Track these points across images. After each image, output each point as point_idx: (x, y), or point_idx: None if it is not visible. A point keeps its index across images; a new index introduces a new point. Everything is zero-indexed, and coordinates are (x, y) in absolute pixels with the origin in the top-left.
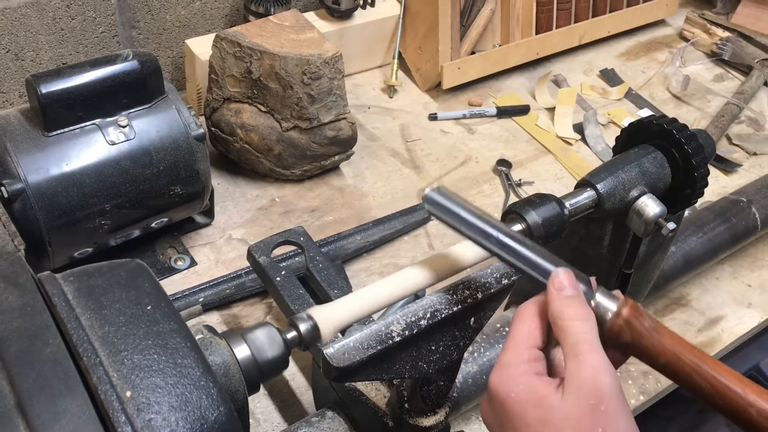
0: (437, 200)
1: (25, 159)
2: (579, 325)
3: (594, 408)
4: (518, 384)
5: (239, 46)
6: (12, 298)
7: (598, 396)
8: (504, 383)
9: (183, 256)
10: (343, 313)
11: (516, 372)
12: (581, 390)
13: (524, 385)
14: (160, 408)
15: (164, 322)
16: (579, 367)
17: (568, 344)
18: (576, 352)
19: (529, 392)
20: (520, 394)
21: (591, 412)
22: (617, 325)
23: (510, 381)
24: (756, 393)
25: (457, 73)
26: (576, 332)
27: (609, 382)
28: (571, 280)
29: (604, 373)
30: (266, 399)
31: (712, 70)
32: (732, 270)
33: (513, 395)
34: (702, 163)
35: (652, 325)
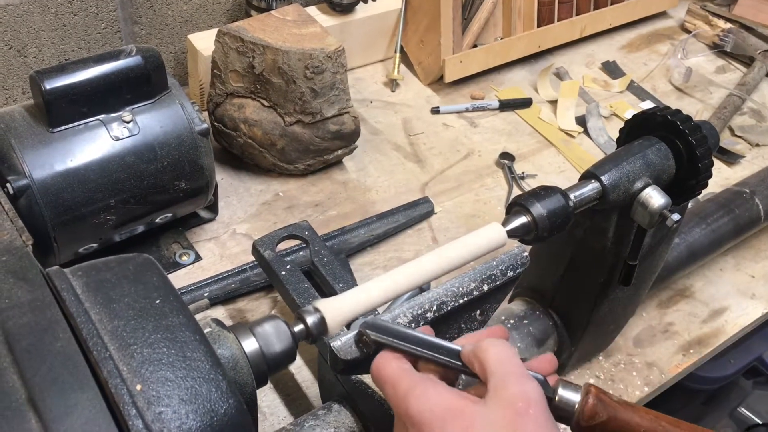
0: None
1: (29, 155)
2: (500, 347)
3: (523, 411)
4: (429, 398)
5: (242, 41)
6: (21, 293)
7: (525, 400)
8: (414, 405)
9: (188, 251)
10: (349, 306)
11: (421, 389)
12: (508, 396)
13: (439, 400)
14: (170, 401)
15: (173, 316)
16: (502, 377)
17: (491, 362)
18: (499, 366)
19: (447, 405)
20: (437, 410)
21: (520, 415)
22: (590, 405)
23: (420, 400)
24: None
25: (459, 67)
26: (499, 351)
27: (536, 389)
28: (483, 336)
29: (530, 381)
30: (272, 392)
31: (714, 61)
32: (735, 261)
33: (428, 415)
34: (706, 154)
35: (621, 409)
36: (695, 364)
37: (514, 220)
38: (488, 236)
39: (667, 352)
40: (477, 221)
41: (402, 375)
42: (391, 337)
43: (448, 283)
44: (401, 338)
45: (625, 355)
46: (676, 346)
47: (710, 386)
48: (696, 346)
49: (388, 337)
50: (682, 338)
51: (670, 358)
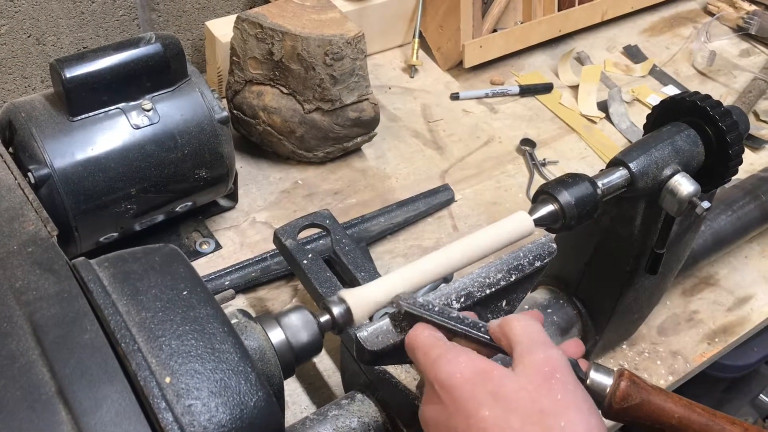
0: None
1: (50, 144)
2: (526, 322)
3: (549, 375)
4: (459, 363)
5: (261, 27)
6: (48, 285)
7: (551, 365)
8: (444, 369)
9: (208, 240)
10: (375, 296)
11: (451, 355)
12: (533, 362)
13: (466, 362)
14: (200, 394)
15: (200, 307)
16: (528, 345)
17: (517, 334)
18: (525, 337)
19: (475, 367)
20: (465, 371)
21: (546, 379)
22: (622, 389)
23: (449, 365)
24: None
25: (479, 52)
26: (524, 325)
27: (560, 355)
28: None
29: (555, 349)
30: (294, 382)
31: (738, 44)
32: (761, 248)
33: (459, 378)
34: (737, 140)
35: (653, 395)
36: (720, 353)
37: (542, 209)
38: (515, 225)
39: (692, 340)
40: (498, 209)
41: (435, 342)
42: (424, 310)
43: (474, 273)
44: (434, 312)
45: (649, 344)
46: (701, 334)
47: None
48: (721, 334)
49: (421, 310)
50: (706, 327)
51: (695, 347)
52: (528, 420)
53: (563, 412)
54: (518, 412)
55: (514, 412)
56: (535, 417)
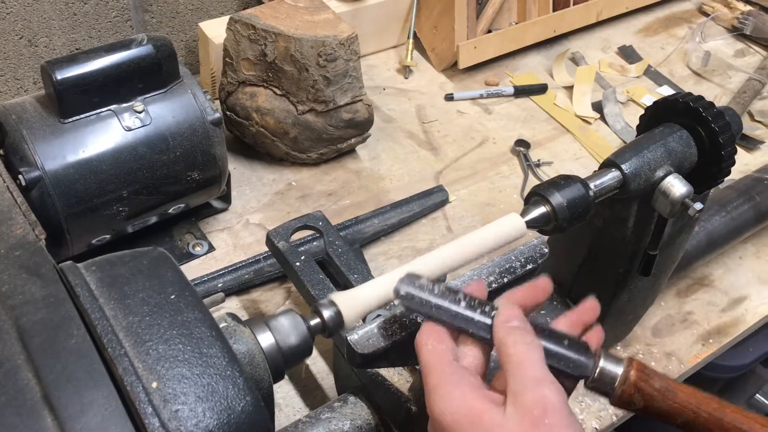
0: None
1: (41, 146)
2: (524, 347)
3: (538, 421)
4: (453, 403)
5: (254, 28)
6: (35, 289)
7: (541, 408)
8: (438, 406)
9: (201, 242)
10: (366, 299)
11: (446, 390)
12: (524, 404)
13: (460, 404)
14: (187, 399)
15: (188, 312)
16: (522, 381)
17: (512, 364)
18: (519, 369)
19: (467, 411)
20: (457, 414)
21: (535, 425)
22: (627, 393)
23: (443, 401)
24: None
25: (474, 53)
26: (520, 352)
27: (553, 394)
28: (517, 314)
29: (548, 385)
30: (287, 384)
31: (733, 45)
32: (755, 249)
33: (450, 417)
34: (729, 141)
35: (663, 384)
36: (714, 354)
37: (533, 210)
38: (507, 227)
39: (686, 341)
40: (492, 210)
41: (435, 364)
42: (425, 308)
43: (466, 275)
44: (433, 307)
45: (643, 345)
46: (695, 335)
47: (728, 375)
48: (715, 335)
49: (421, 309)
50: (701, 327)
51: (689, 348)
52: None
53: None
54: None
55: None
56: None
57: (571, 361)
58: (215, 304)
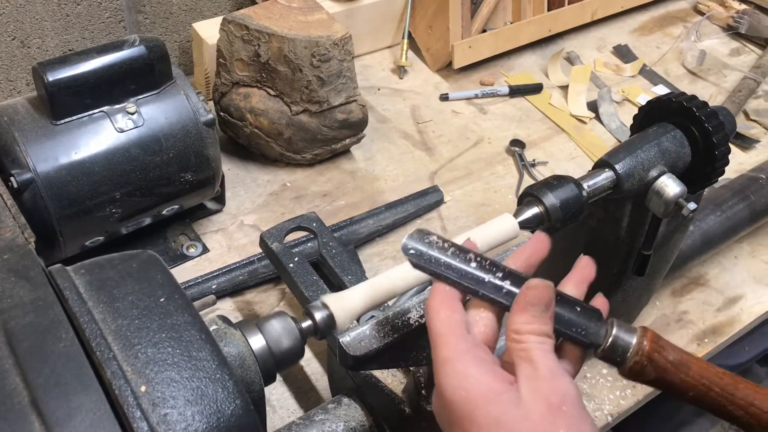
0: (420, 250)
1: (33, 148)
2: (536, 338)
3: (556, 407)
4: (467, 380)
5: (247, 29)
6: (23, 293)
7: (558, 395)
8: (451, 381)
9: (195, 243)
10: (358, 301)
11: (461, 365)
12: (541, 389)
13: (474, 381)
14: (176, 402)
15: (178, 314)
16: (535, 369)
17: (521, 349)
18: (530, 356)
19: (482, 389)
20: (471, 392)
21: (552, 411)
22: (639, 364)
23: (456, 378)
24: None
25: (468, 52)
26: (531, 341)
27: (568, 384)
28: (543, 297)
29: (562, 375)
30: (282, 386)
31: (728, 44)
32: (751, 248)
33: (463, 394)
34: (723, 141)
35: (677, 357)
36: (710, 354)
37: (526, 211)
38: (499, 227)
39: (682, 341)
40: (487, 210)
41: (447, 335)
42: (434, 266)
43: None
44: (446, 267)
45: None
46: (691, 335)
47: None
48: (711, 335)
49: (429, 267)
50: (696, 327)
51: (685, 348)
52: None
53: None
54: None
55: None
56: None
57: (583, 327)
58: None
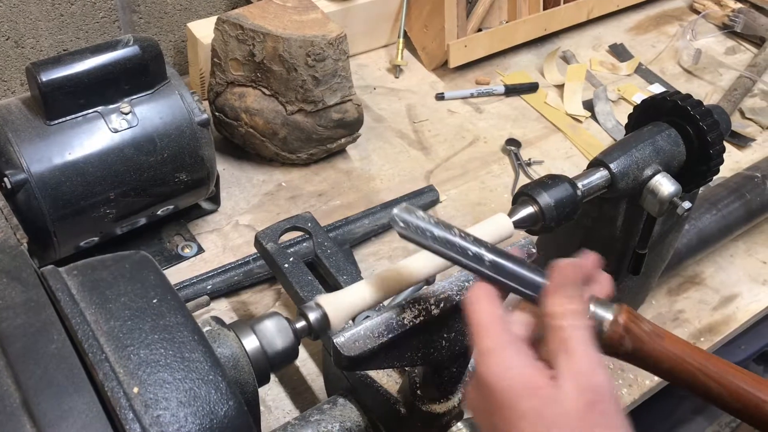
0: (408, 220)
1: (27, 148)
2: (573, 324)
3: (593, 405)
4: (510, 371)
5: (242, 28)
6: (15, 294)
7: (595, 393)
8: (494, 370)
9: (190, 244)
10: (353, 301)
11: (504, 355)
12: (578, 385)
13: (517, 372)
14: (169, 404)
15: (171, 316)
16: (573, 362)
17: (559, 339)
18: (567, 347)
19: (524, 381)
20: (514, 382)
21: (590, 409)
22: (617, 333)
23: (500, 368)
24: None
25: (464, 51)
26: (569, 328)
27: (605, 380)
28: (573, 276)
29: (601, 370)
30: (277, 386)
31: (723, 42)
32: (746, 247)
33: (505, 384)
34: (717, 139)
35: (653, 329)
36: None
37: (521, 210)
38: (494, 227)
39: None
40: (483, 209)
41: (489, 326)
42: (422, 237)
43: (454, 276)
44: (432, 238)
45: None
46: (687, 334)
47: None
48: (707, 333)
49: (417, 238)
50: (692, 326)
51: None
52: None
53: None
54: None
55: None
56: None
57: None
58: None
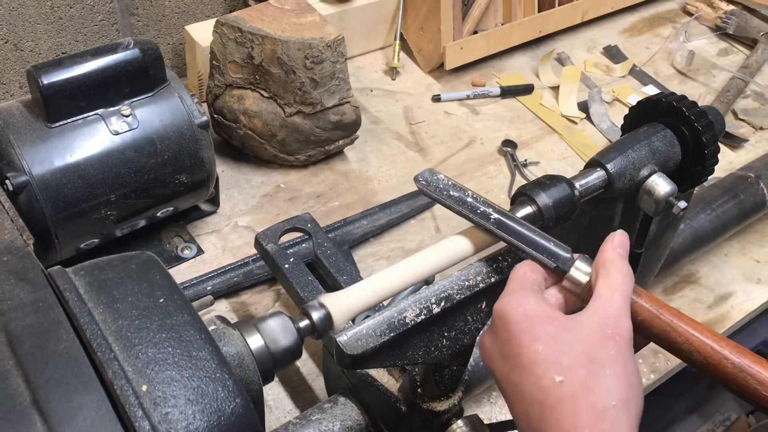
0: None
1: (28, 151)
2: (624, 277)
3: (609, 336)
4: (528, 303)
5: (240, 31)
6: (23, 294)
7: (616, 330)
8: (512, 303)
9: (190, 245)
10: (355, 301)
11: (524, 293)
12: (601, 323)
13: (534, 304)
14: (177, 401)
15: (177, 315)
16: (607, 304)
17: (607, 285)
18: (611, 294)
19: (541, 310)
20: (530, 311)
21: (605, 338)
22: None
23: (519, 301)
24: (730, 347)
25: (460, 53)
26: (619, 280)
27: (628, 327)
28: (624, 243)
29: (627, 319)
30: (277, 386)
31: (716, 44)
32: (740, 246)
33: (521, 311)
34: (712, 140)
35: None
36: None
37: (520, 211)
38: None
39: None
40: None
41: (520, 278)
42: (436, 193)
43: (454, 276)
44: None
45: None
46: None
47: None
48: None
49: (435, 194)
50: None
51: None
52: (577, 363)
53: (611, 363)
54: (570, 354)
55: (566, 354)
56: (584, 361)
57: (554, 255)
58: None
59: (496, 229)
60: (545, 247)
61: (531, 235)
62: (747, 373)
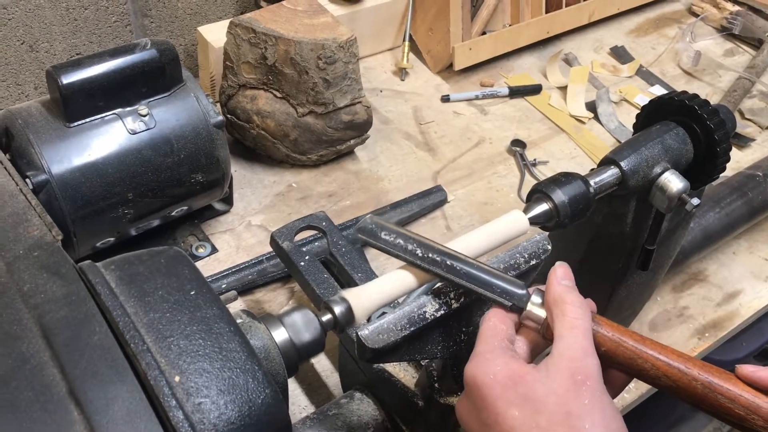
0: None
1: (48, 150)
2: (578, 310)
3: (580, 383)
4: (495, 365)
5: (254, 32)
6: (56, 288)
7: (584, 374)
8: (480, 368)
9: (204, 244)
10: (375, 296)
11: (491, 356)
12: (569, 368)
13: (502, 365)
14: (209, 392)
15: (207, 308)
16: (570, 346)
17: (564, 325)
18: (571, 333)
19: (509, 371)
20: (499, 374)
21: (577, 387)
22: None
23: (486, 364)
24: (699, 367)
25: (469, 54)
26: (574, 316)
27: (595, 365)
28: (568, 275)
29: (593, 356)
30: (293, 382)
31: (722, 44)
32: (749, 244)
33: (491, 377)
34: (724, 138)
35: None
36: (710, 348)
37: (536, 207)
38: (510, 224)
39: (682, 336)
40: (490, 209)
41: (488, 336)
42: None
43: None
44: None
45: None
46: (691, 329)
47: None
48: (711, 329)
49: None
50: (696, 322)
51: (686, 342)
52: (555, 420)
53: (588, 414)
54: (546, 413)
55: (542, 413)
56: (561, 417)
57: (510, 294)
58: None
59: (446, 273)
60: (497, 285)
61: (482, 275)
62: (717, 392)
